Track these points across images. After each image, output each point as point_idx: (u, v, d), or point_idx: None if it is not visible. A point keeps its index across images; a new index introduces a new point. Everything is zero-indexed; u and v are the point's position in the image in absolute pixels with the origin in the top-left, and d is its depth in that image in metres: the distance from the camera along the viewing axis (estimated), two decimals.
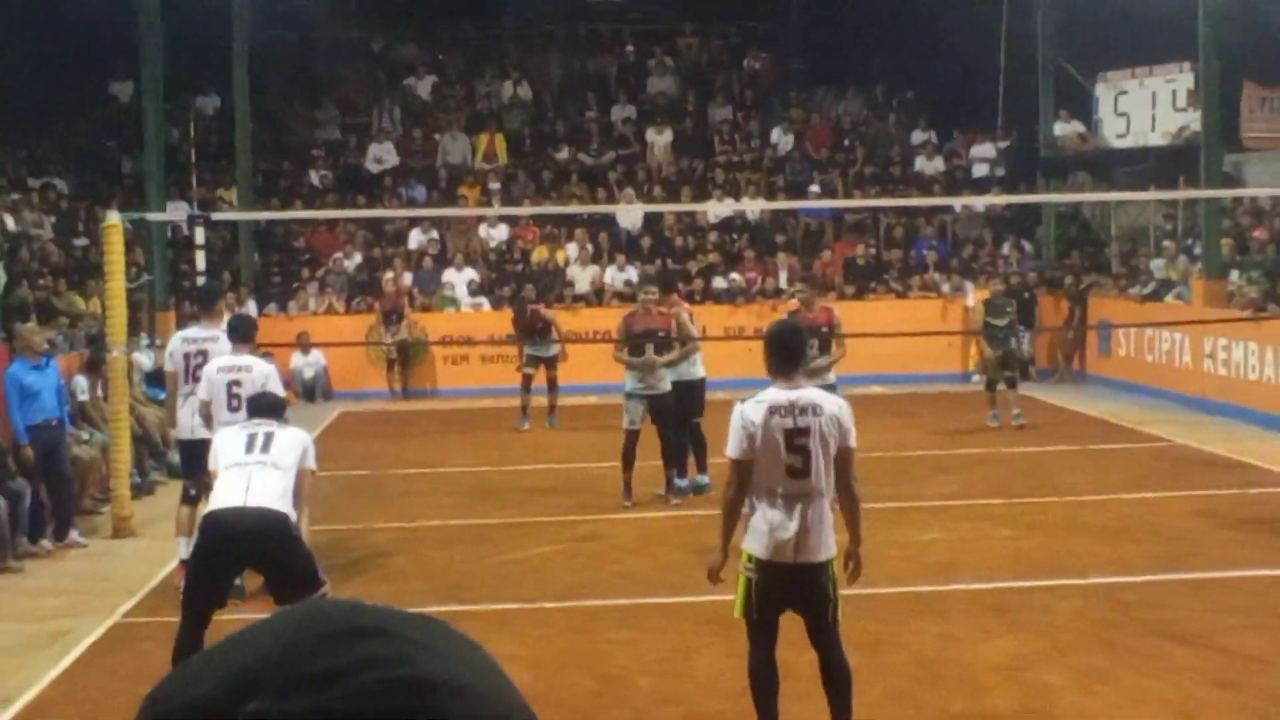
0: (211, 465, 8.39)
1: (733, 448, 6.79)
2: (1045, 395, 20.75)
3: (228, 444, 8.31)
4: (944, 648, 9.01)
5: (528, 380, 19.16)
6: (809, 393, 6.95)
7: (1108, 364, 23.02)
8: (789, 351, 7.04)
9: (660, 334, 13.82)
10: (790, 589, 6.74)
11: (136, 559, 12.26)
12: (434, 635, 0.83)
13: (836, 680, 6.74)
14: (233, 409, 10.13)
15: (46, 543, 12.68)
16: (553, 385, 19.31)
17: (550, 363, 19.32)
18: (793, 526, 6.61)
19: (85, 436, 14.51)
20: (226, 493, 7.98)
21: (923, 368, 22.56)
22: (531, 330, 19.35)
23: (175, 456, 15.99)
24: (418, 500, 14.47)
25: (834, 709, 6.75)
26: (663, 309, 14.30)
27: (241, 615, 8.03)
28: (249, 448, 8.16)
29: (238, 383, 10.39)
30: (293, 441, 8.35)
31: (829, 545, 6.74)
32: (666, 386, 13.77)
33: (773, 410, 6.72)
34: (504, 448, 17.73)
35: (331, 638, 0.80)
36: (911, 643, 9.09)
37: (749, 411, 6.76)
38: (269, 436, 8.25)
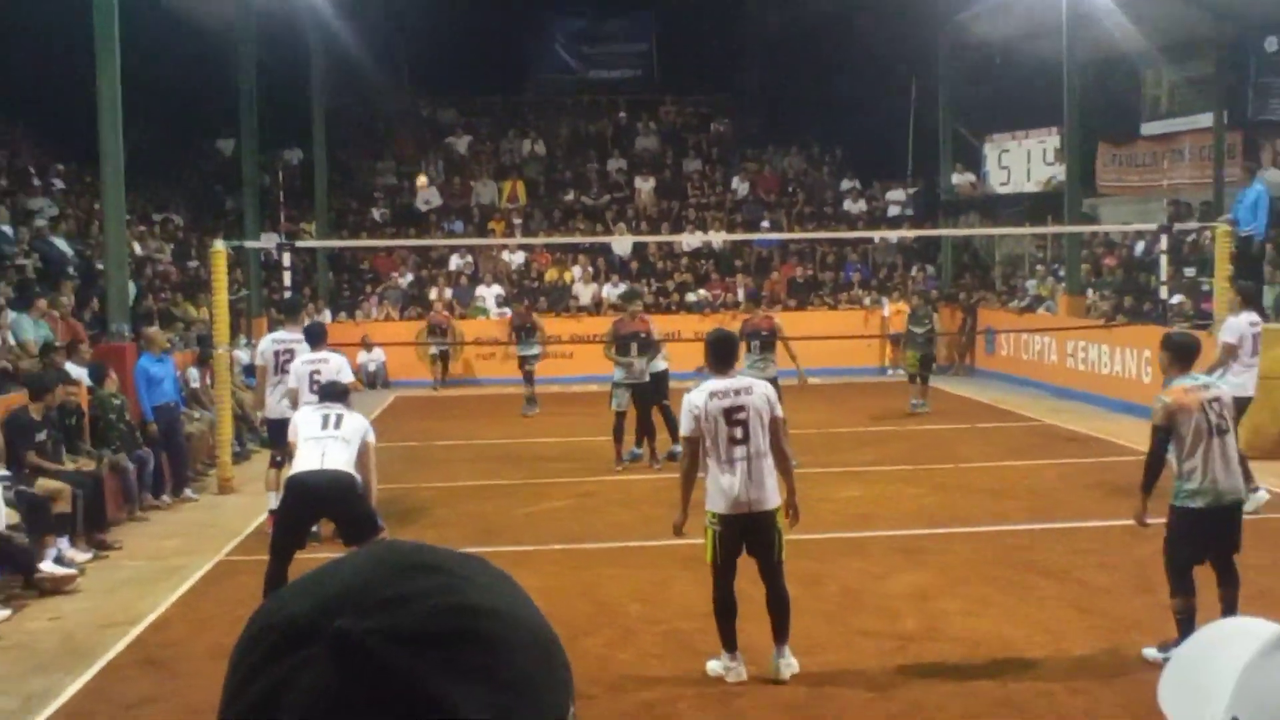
0: (291, 437, 8.35)
1: (684, 428, 6.85)
2: (944, 385, 20.75)
3: (306, 421, 8.28)
4: (864, 581, 9.03)
5: (528, 375, 18.96)
6: (741, 379, 7.00)
7: (993, 361, 23.07)
8: (723, 352, 7.05)
9: (641, 336, 13.87)
10: (746, 534, 6.76)
11: (237, 510, 12.25)
12: (478, 570, 0.84)
13: (778, 606, 6.80)
14: (313, 392, 10.14)
15: (166, 498, 12.71)
16: (529, 379, 18.86)
17: (531, 360, 18.94)
18: (742, 483, 6.65)
19: (196, 415, 14.50)
20: (306, 460, 7.97)
21: (848, 363, 22.58)
22: (520, 327, 18.89)
23: (265, 432, 16.00)
24: (456, 466, 14.46)
25: (775, 627, 6.81)
26: (644, 316, 14.40)
27: (318, 555, 8.01)
28: (324, 425, 8.14)
29: (318, 372, 10.42)
30: (357, 422, 8.35)
31: (774, 497, 6.77)
32: (646, 378, 13.80)
33: (712, 395, 6.78)
34: (523, 425, 17.71)
35: (400, 571, 0.80)
36: (839, 576, 9.11)
37: (694, 398, 6.84)
38: (340, 417, 8.24)
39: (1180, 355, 7.07)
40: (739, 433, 6.69)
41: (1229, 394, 7.24)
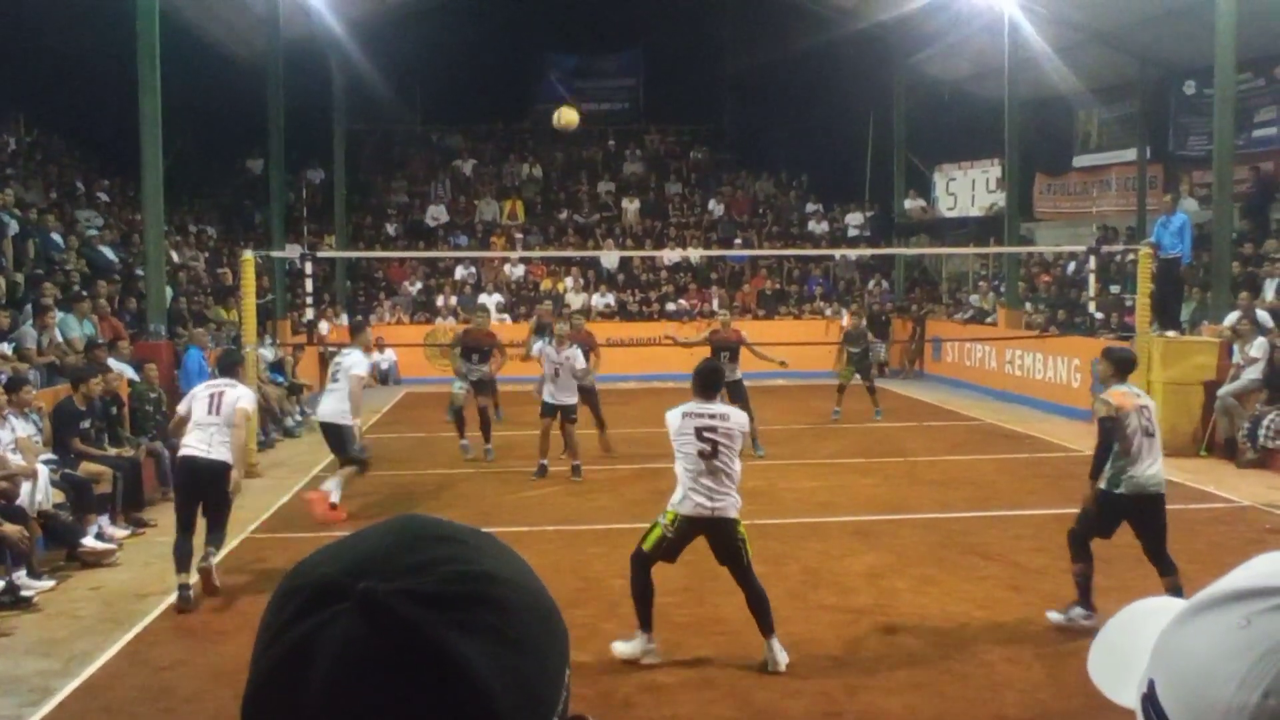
0: (181, 410, 8.29)
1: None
2: (895, 388, 20.81)
3: (199, 402, 8.14)
4: (823, 561, 9.04)
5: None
6: (720, 406, 6.81)
7: (939, 366, 23.15)
8: (707, 382, 6.85)
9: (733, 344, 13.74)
10: (708, 538, 6.62)
11: (262, 493, 12.11)
12: (489, 543, 0.85)
13: (758, 604, 6.63)
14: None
15: None
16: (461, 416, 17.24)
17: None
18: (706, 493, 6.53)
19: None
20: (194, 444, 8.00)
21: (811, 367, 22.44)
22: (473, 348, 14.57)
23: (289, 422, 15.91)
24: (459, 454, 14.38)
25: (759, 621, 6.66)
26: (736, 328, 14.40)
27: (332, 533, 7.95)
28: (209, 409, 8.06)
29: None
30: (233, 399, 8.14)
31: (734, 509, 6.60)
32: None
33: (685, 415, 6.65)
34: (518, 418, 17.54)
35: (423, 540, 0.81)
36: (801, 557, 9.12)
37: (670, 416, 6.72)
38: (220, 396, 8.10)
39: (1121, 367, 7.27)
40: (708, 448, 6.62)
41: (1153, 403, 7.38)
